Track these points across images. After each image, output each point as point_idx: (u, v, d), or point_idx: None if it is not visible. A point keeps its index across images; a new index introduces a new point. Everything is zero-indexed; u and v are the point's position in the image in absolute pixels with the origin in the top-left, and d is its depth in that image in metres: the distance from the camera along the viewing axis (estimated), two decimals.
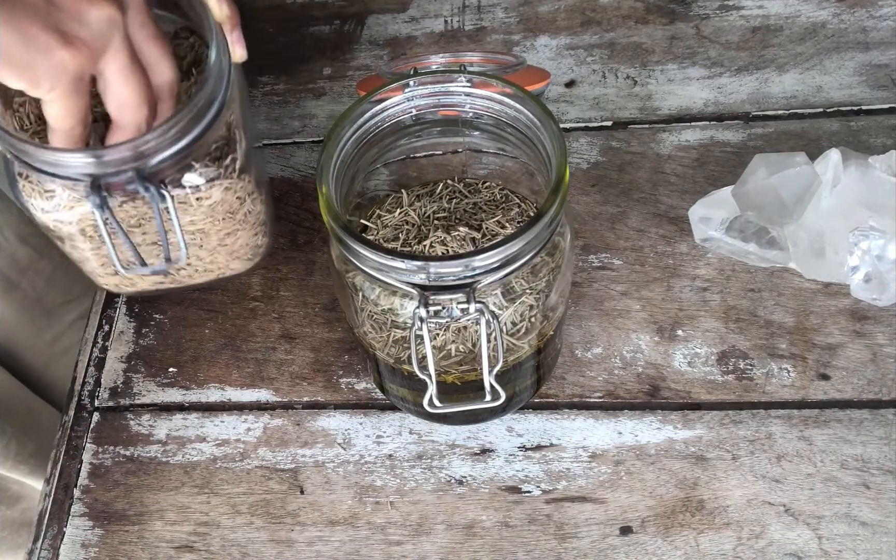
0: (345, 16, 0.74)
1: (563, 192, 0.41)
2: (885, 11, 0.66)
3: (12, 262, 0.74)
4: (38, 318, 0.78)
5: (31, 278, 0.77)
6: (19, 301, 0.76)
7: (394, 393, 0.50)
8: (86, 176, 0.40)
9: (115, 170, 0.40)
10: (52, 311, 0.80)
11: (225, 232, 0.48)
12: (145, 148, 0.40)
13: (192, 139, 0.42)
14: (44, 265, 0.78)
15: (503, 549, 0.48)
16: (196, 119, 0.42)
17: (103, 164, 0.40)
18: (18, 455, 0.77)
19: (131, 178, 0.41)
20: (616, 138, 0.63)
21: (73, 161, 0.40)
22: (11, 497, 0.81)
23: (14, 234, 0.74)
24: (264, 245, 0.53)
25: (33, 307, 0.78)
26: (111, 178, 0.40)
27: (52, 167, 0.41)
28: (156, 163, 0.41)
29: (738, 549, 0.46)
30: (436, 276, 0.39)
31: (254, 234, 0.51)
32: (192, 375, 0.56)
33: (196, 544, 0.50)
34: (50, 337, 0.80)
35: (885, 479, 0.47)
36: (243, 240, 0.50)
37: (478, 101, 0.46)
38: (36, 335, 0.79)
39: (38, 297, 0.78)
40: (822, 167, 0.52)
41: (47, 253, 0.78)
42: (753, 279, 0.55)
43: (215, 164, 0.45)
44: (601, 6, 0.70)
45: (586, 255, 0.57)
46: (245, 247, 0.51)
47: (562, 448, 0.51)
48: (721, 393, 0.51)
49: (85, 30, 0.37)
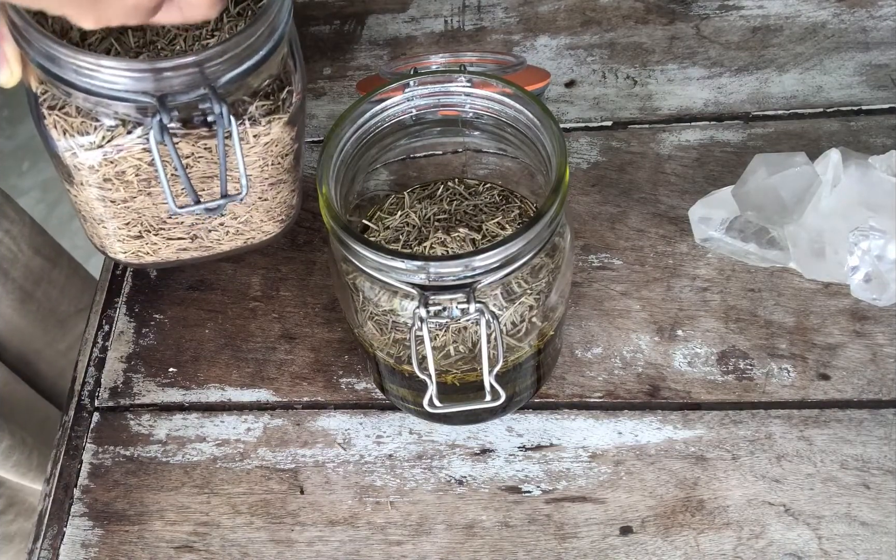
0: (345, 16, 0.74)
1: (563, 193, 0.41)
2: (885, 11, 0.66)
3: (27, 272, 0.74)
4: (53, 328, 0.78)
5: (45, 288, 0.77)
6: (34, 312, 0.76)
7: (394, 393, 0.51)
8: (149, 95, 0.37)
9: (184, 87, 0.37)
10: (66, 320, 0.80)
11: (269, 181, 0.46)
12: (213, 65, 0.38)
13: (256, 61, 0.40)
14: (56, 275, 0.78)
15: (503, 549, 0.48)
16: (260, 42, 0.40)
17: (170, 80, 0.37)
18: (40, 466, 0.77)
19: (205, 96, 0.37)
20: (616, 138, 0.63)
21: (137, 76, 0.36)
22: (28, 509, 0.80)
23: (28, 244, 0.75)
24: (296, 206, 0.51)
25: (47, 317, 0.78)
26: (179, 97, 0.37)
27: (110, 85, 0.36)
28: (223, 83, 0.38)
29: (738, 549, 0.46)
30: (436, 276, 0.39)
31: (291, 190, 0.49)
32: (192, 375, 0.56)
33: (196, 544, 0.50)
34: (64, 346, 0.80)
35: (885, 479, 0.47)
36: (283, 193, 0.48)
37: (478, 101, 0.46)
38: (50, 345, 0.79)
39: (53, 307, 0.78)
40: (822, 167, 0.52)
41: (59, 262, 0.78)
42: (753, 279, 0.55)
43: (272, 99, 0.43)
44: (601, 6, 0.70)
45: (586, 255, 0.57)
46: (282, 204, 0.49)
47: (562, 448, 0.51)
48: (721, 393, 0.51)
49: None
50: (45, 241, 0.77)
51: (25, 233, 0.74)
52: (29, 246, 0.75)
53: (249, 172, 0.44)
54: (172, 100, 0.37)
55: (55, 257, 0.78)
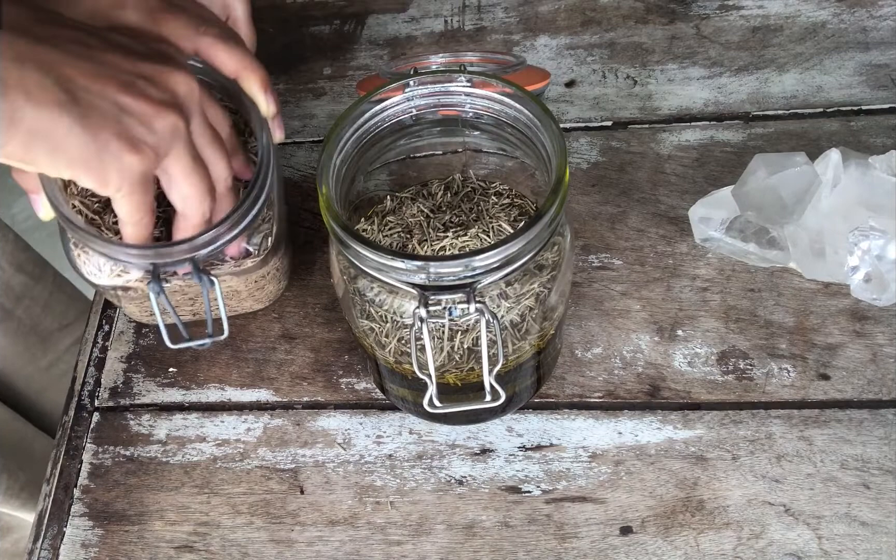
0: (345, 16, 0.74)
1: (563, 192, 0.41)
2: (885, 11, 0.66)
3: (7, 290, 0.74)
4: (34, 346, 0.78)
5: (27, 305, 0.76)
6: (13, 330, 0.75)
7: (394, 393, 0.50)
8: (147, 265, 0.44)
9: (175, 260, 0.44)
10: (48, 336, 0.79)
11: (254, 287, 0.54)
12: (202, 243, 0.44)
13: (242, 229, 0.46)
14: (39, 291, 0.77)
15: (503, 549, 0.48)
16: (246, 212, 0.46)
17: (164, 256, 0.44)
18: (10, 489, 0.76)
19: (188, 271, 0.45)
20: (616, 138, 0.63)
21: (138, 254, 0.44)
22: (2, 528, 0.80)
23: (9, 261, 0.74)
24: (283, 287, 0.58)
25: (28, 335, 0.77)
26: (170, 268, 0.45)
27: (115, 255, 0.45)
28: (208, 252, 0.45)
29: (738, 549, 0.46)
30: (436, 276, 0.39)
31: (278, 283, 0.56)
32: (192, 375, 0.56)
33: (196, 544, 0.50)
34: (46, 363, 0.80)
35: (885, 479, 0.47)
36: (268, 289, 0.56)
37: (478, 100, 0.46)
38: (31, 362, 0.79)
39: (34, 324, 0.77)
40: (822, 167, 0.52)
41: (42, 278, 0.78)
42: (753, 279, 0.55)
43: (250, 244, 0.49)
44: (601, 6, 0.70)
45: (586, 255, 0.57)
46: (268, 295, 0.56)
47: (562, 448, 0.51)
48: (721, 393, 0.51)
49: (151, 136, 0.39)
50: (28, 258, 0.77)
51: (8, 249, 0.74)
52: (10, 263, 0.74)
53: (235, 287, 0.53)
54: (164, 270, 0.45)
55: (38, 273, 0.78)
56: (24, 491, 0.78)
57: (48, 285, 0.79)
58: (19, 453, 0.77)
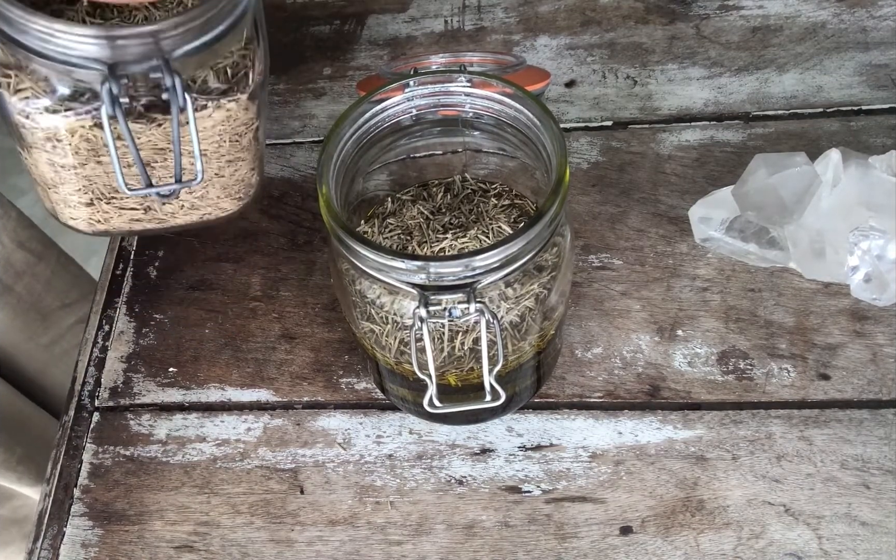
0: (345, 16, 0.74)
1: (563, 192, 0.41)
2: (885, 11, 0.66)
3: (7, 266, 0.74)
4: (34, 322, 0.78)
5: (28, 282, 0.76)
6: (13, 305, 0.76)
7: (394, 393, 0.51)
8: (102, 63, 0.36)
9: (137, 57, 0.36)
10: (50, 314, 0.79)
11: (227, 159, 0.46)
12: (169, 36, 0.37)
13: (214, 36, 0.39)
14: (41, 269, 0.78)
15: (503, 549, 0.48)
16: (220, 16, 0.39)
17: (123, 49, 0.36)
18: (7, 462, 0.77)
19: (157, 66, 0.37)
20: (616, 138, 0.63)
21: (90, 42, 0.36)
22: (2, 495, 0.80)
23: (11, 238, 0.74)
24: (256, 185, 0.50)
25: (28, 311, 0.77)
26: (131, 67, 0.36)
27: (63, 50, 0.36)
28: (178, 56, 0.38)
29: (738, 549, 0.46)
30: (436, 276, 0.39)
31: (251, 169, 0.48)
32: (192, 375, 0.56)
33: (196, 544, 0.50)
34: (47, 340, 0.80)
35: (885, 479, 0.47)
36: (241, 171, 0.48)
37: (478, 101, 0.46)
38: (31, 339, 0.79)
39: (35, 301, 0.78)
40: (822, 167, 0.52)
41: (45, 256, 0.78)
42: (753, 279, 0.55)
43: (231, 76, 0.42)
44: (601, 6, 0.70)
45: (586, 255, 0.57)
46: (240, 182, 0.48)
47: (562, 448, 0.51)
48: (721, 393, 0.51)
49: None
50: (31, 235, 0.77)
51: (10, 226, 0.74)
52: (11, 239, 0.74)
53: (205, 148, 0.43)
54: (124, 69, 0.36)
55: (41, 251, 0.77)
56: (20, 465, 0.79)
57: (51, 264, 0.79)
58: (15, 428, 0.77)
